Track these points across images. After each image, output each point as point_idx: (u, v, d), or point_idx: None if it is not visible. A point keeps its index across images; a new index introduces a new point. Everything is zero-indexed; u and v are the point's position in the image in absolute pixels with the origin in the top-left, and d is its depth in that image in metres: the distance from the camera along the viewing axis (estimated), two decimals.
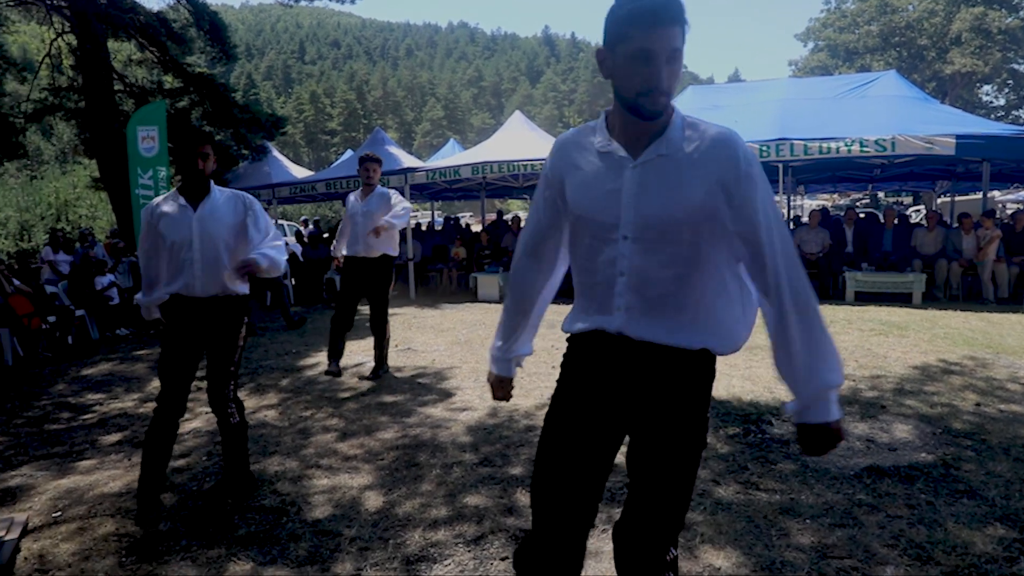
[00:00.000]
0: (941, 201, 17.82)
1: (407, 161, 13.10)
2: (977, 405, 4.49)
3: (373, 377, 5.78)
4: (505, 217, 15.99)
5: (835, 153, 9.17)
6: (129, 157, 8.92)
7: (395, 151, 13.74)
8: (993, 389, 4.85)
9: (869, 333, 7.01)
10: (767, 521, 2.93)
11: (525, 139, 12.18)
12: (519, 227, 11.65)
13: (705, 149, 1.52)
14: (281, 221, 18.66)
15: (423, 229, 16.78)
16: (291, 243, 14.82)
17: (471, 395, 5.16)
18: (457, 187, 16.14)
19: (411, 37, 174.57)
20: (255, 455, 4.03)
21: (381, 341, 5.81)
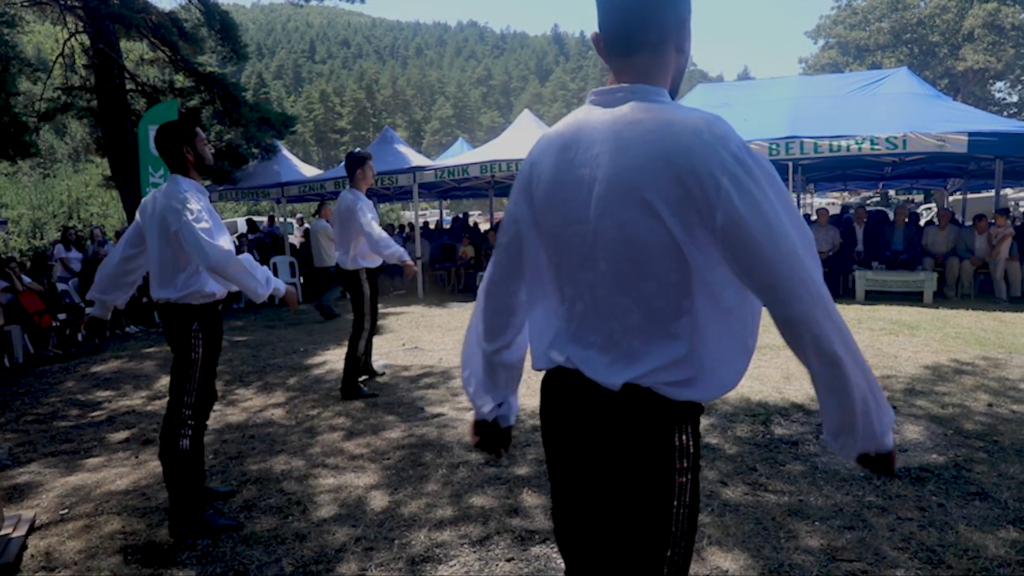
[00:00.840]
0: (952, 199, 17.64)
1: (416, 160, 13.13)
2: (989, 406, 4.43)
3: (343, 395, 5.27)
4: None
5: (846, 151, 9.08)
6: (140, 156, 8.96)
7: (404, 150, 13.78)
8: (1006, 389, 4.78)
9: (880, 332, 6.94)
10: (775, 523, 2.91)
11: (534, 138, 11.87)
12: None
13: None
14: (290, 219, 18.72)
15: (431, 228, 16.78)
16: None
17: None
18: (466, 186, 16.13)
19: (421, 36, 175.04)
20: (262, 454, 4.04)
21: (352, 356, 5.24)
